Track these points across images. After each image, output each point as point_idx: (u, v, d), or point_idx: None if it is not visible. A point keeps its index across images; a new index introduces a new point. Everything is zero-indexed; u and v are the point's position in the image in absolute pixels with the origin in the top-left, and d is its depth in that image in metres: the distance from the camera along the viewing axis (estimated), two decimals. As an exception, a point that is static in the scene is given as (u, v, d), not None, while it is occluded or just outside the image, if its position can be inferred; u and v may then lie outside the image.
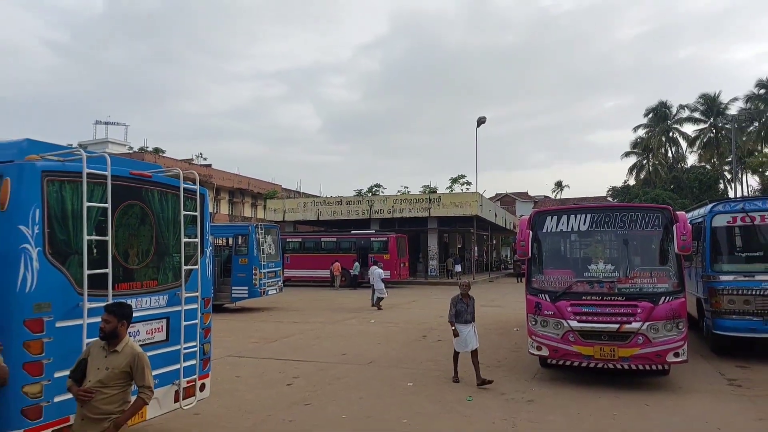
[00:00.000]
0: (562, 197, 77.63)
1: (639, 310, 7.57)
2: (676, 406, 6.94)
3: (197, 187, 5.73)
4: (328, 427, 6.13)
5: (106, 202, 4.60)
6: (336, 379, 8.44)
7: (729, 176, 46.07)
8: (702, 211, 11.23)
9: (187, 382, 5.35)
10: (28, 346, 3.97)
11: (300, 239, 32.82)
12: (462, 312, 8.11)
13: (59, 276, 4.25)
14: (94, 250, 4.57)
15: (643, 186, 49.33)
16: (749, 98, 47.70)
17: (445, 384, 8.11)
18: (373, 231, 32.54)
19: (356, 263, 29.03)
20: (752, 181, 45.82)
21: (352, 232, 32.34)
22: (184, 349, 5.29)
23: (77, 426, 3.61)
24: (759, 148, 46.30)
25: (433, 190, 47.90)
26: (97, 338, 3.81)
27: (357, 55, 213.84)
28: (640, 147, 53.93)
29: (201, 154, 58.21)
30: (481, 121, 36.80)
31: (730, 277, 9.65)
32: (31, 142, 4.48)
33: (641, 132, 54.58)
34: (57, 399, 4.04)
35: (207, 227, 5.99)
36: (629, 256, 8.41)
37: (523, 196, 73.64)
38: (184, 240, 5.38)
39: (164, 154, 44.20)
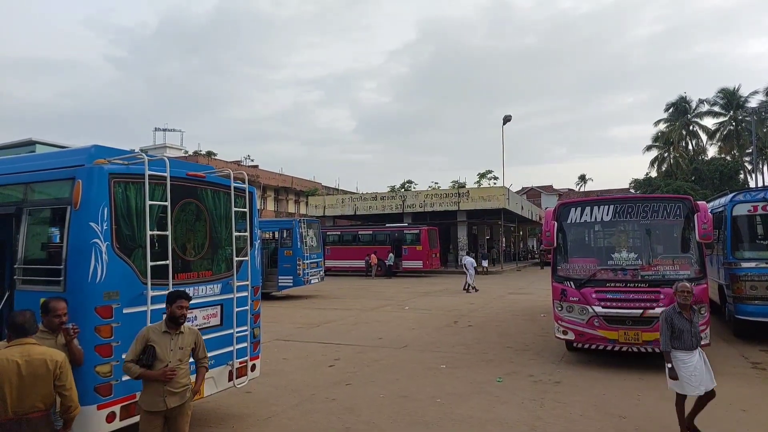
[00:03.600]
0: (586, 190, 75.64)
1: (662, 296, 7.30)
2: (700, 388, 6.67)
3: (246, 185, 5.81)
4: (367, 405, 6.15)
5: (165, 201, 4.71)
6: (374, 361, 8.46)
7: (749, 167, 43.91)
8: (723, 200, 10.76)
9: (240, 363, 5.44)
10: (99, 330, 4.11)
11: (339, 232, 33.03)
12: (683, 332, 4.96)
13: (125, 267, 4.38)
14: (156, 244, 4.68)
15: (665, 178, 47.50)
16: (770, 91, 45.28)
17: (476, 366, 8.02)
18: (406, 224, 32.48)
19: (390, 254, 29.05)
20: (773, 172, 43.57)
21: (387, 225, 32.34)
22: (237, 332, 5.38)
23: (156, 402, 3.68)
24: (780, 139, 43.96)
25: (462, 185, 47.32)
26: (151, 325, 3.97)
27: (387, 61, 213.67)
28: (662, 140, 51.97)
29: (248, 156, 59.18)
30: (507, 119, 36.14)
31: (752, 264, 9.22)
32: (98, 147, 4.61)
33: (662, 126, 52.56)
34: (125, 378, 4.15)
35: (255, 222, 6.07)
36: (651, 245, 8.12)
37: (548, 189, 72.17)
38: (235, 234, 5.48)
39: (216, 157, 45.14)
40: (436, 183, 50.43)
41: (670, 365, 4.91)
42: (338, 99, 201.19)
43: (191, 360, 3.96)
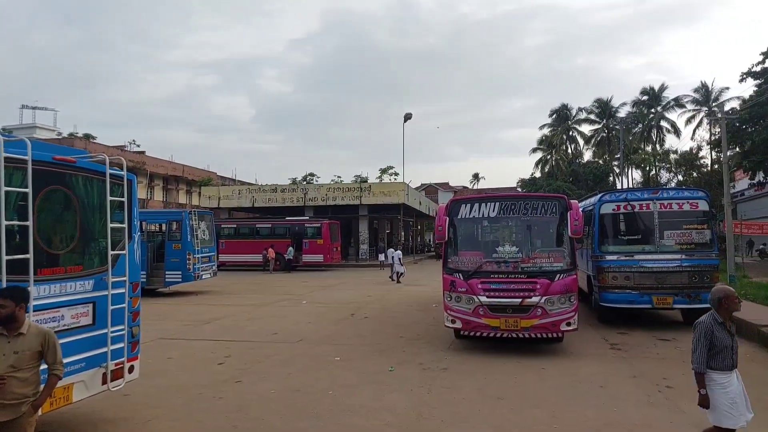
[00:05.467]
0: (479, 187, 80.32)
1: (538, 286, 8.01)
2: (569, 368, 7.43)
3: (124, 173, 5.40)
4: (257, 402, 6.04)
5: (26, 187, 4.24)
6: (266, 357, 8.32)
7: (617, 170, 49.43)
8: (593, 200, 12.03)
9: (116, 364, 5.06)
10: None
11: (235, 225, 31.87)
12: (724, 349, 4.01)
13: (-25, 262, 3.88)
14: (17, 236, 4.21)
15: (548, 178, 51.99)
16: (635, 103, 51.32)
17: (370, 357, 8.21)
18: (307, 218, 32.22)
19: (290, 248, 28.65)
20: (636, 175, 49.51)
21: (287, 218, 31.82)
22: (112, 332, 5.01)
23: None
24: (642, 146, 49.97)
25: (364, 180, 47.94)
26: None
27: (289, 50, 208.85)
28: (545, 144, 56.81)
29: (134, 141, 54.74)
30: (407, 117, 37.30)
31: (614, 257, 10.42)
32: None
33: (546, 130, 57.52)
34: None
35: (135, 213, 5.66)
36: (531, 239, 8.85)
37: (445, 186, 75.42)
38: (111, 225, 5.07)
39: (95, 141, 41.28)
40: (338, 177, 50.50)
41: (704, 391, 4.00)
42: (237, 85, 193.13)
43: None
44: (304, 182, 51.10)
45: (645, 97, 50.47)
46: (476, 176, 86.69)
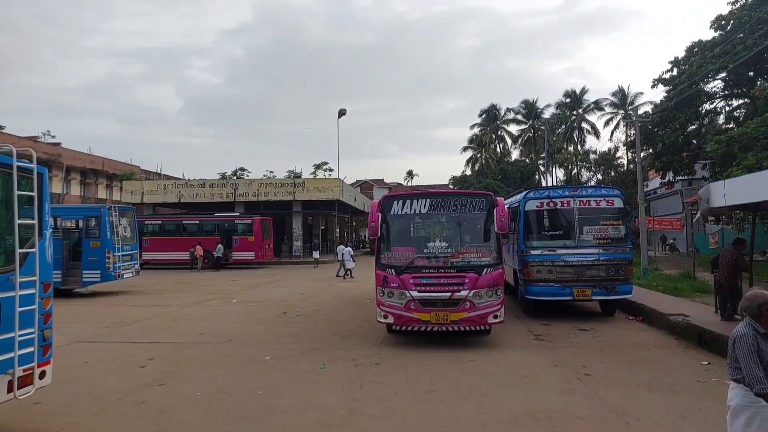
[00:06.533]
0: (413, 184, 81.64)
1: (466, 280, 8.30)
2: (496, 359, 7.76)
3: (34, 165, 5.01)
4: (181, 405, 5.82)
5: None
6: (192, 358, 8.04)
7: (543, 169, 52.05)
8: (518, 197, 12.60)
9: (24, 371, 4.70)
10: None
11: (160, 221, 30.46)
12: None
13: None
14: None
15: (478, 176, 53.86)
16: (559, 105, 54.25)
17: (302, 356, 8.14)
18: (238, 213, 31.31)
19: (219, 245, 27.77)
20: (559, 173, 52.35)
21: (216, 214, 30.76)
22: (20, 336, 4.64)
23: None
24: (565, 146, 52.90)
25: (298, 176, 47.40)
26: None
27: (220, 40, 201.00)
28: (476, 143, 58.84)
29: (48, 131, 50.94)
30: (341, 113, 37.22)
31: (538, 252, 10.97)
32: None
33: (476, 130, 59.64)
34: None
35: (46, 208, 5.28)
36: (460, 235, 9.13)
37: (380, 183, 76.03)
38: (18, 221, 4.70)
39: (3, 130, 37.79)
40: (271, 172, 49.58)
41: None
42: (163, 75, 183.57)
43: None
44: (234, 177, 49.65)
45: (568, 100, 53.46)
46: (410, 173, 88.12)
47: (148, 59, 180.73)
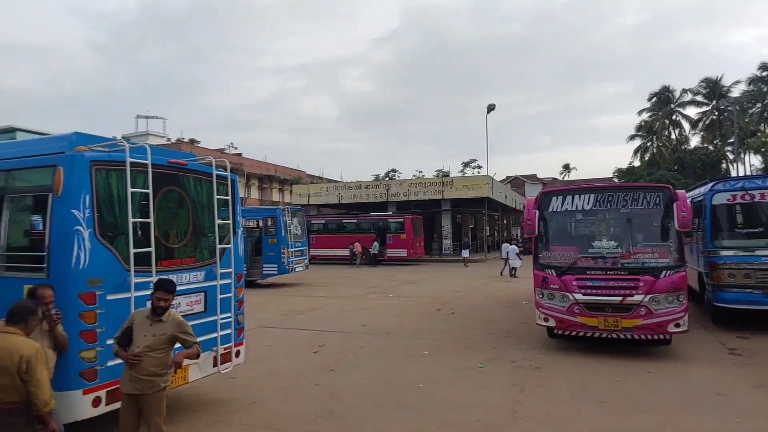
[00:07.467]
0: (570, 179, 76.49)
1: (641, 284, 7.52)
2: (678, 373, 6.91)
3: (228, 173, 5.85)
4: (351, 390, 6.28)
5: (147, 188, 4.73)
6: (358, 347, 8.60)
7: (731, 156, 44.88)
8: (703, 189, 11.02)
9: (224, 349, 5.51)
10: (83, 316, 4.15)
11: (324, 221, 33.06)
12: None
13: (108, 254, 4.41)
14: (139, 232, 4.71)
15: (648, 167, 48.33)
16: (752, 80, 46.15)
17: (458, 353, 8.19)
18: (391, 213, 32.61)
19: (375, 242, 29.19)
20: (755, 161, 44.58)
21: (371, 214, 32.43)
22: (221, 319, 5.45)
23: (126, 385, 3.79)
24: (761, 128, 44.94)
25: (446, 174, 47.65)
26: (142, 308, 4.00)
27: (371, 49, 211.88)
28: (644, 130, 52.75)
29: (232, 143, 58.64)
30: (491, 108, 36.44)
31: (731, 252, 9.48)
32: (79, 134, 4.60)
33: (645, 116, 53.34)
34: (110, 363, 4.22)
35: (238, 210, 6.12)
36: (632, 233, 8.32)
37: (532, 178, 72.78)
38: (217, 222, 5.52)
39: (199, 144, 44.68)
40: (420, 172, 50.74)
41: None
42: (321, 87, 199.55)
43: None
44: (387, 178, 51.77)
45: (765, 73, 45.21)
46: (567, 167, 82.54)
47: (308, 73, 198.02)
